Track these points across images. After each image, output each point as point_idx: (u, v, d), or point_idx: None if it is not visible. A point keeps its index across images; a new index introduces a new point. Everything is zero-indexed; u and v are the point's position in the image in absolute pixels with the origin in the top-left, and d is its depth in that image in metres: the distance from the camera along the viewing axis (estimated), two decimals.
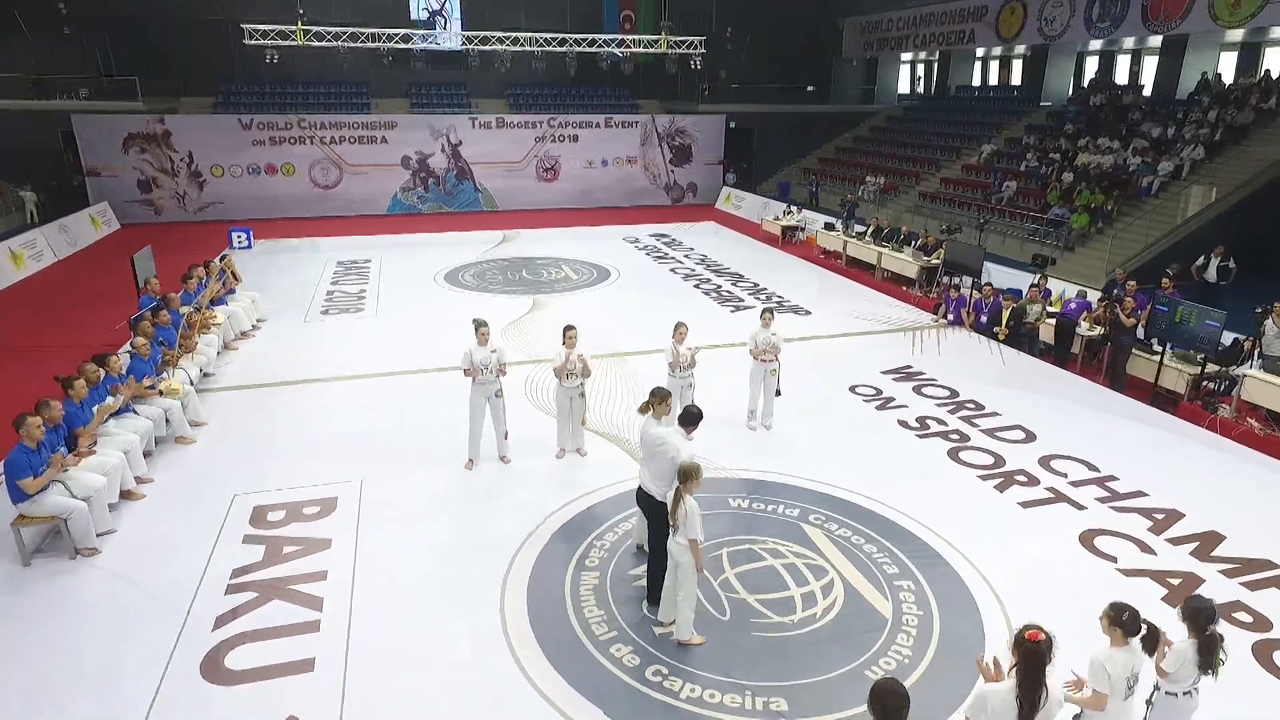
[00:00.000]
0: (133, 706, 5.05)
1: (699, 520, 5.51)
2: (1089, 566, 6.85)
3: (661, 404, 6.23)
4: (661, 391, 6.29)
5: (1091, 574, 6.71)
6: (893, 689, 3.39)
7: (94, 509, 6.74)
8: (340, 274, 16.75)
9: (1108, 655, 4.04)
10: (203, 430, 9.00)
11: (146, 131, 23.42)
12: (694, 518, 5.48)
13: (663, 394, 6.26)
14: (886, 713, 3.35)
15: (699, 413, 6.26)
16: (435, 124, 26.10)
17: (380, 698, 5.19)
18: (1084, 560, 6.94)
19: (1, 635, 5.70)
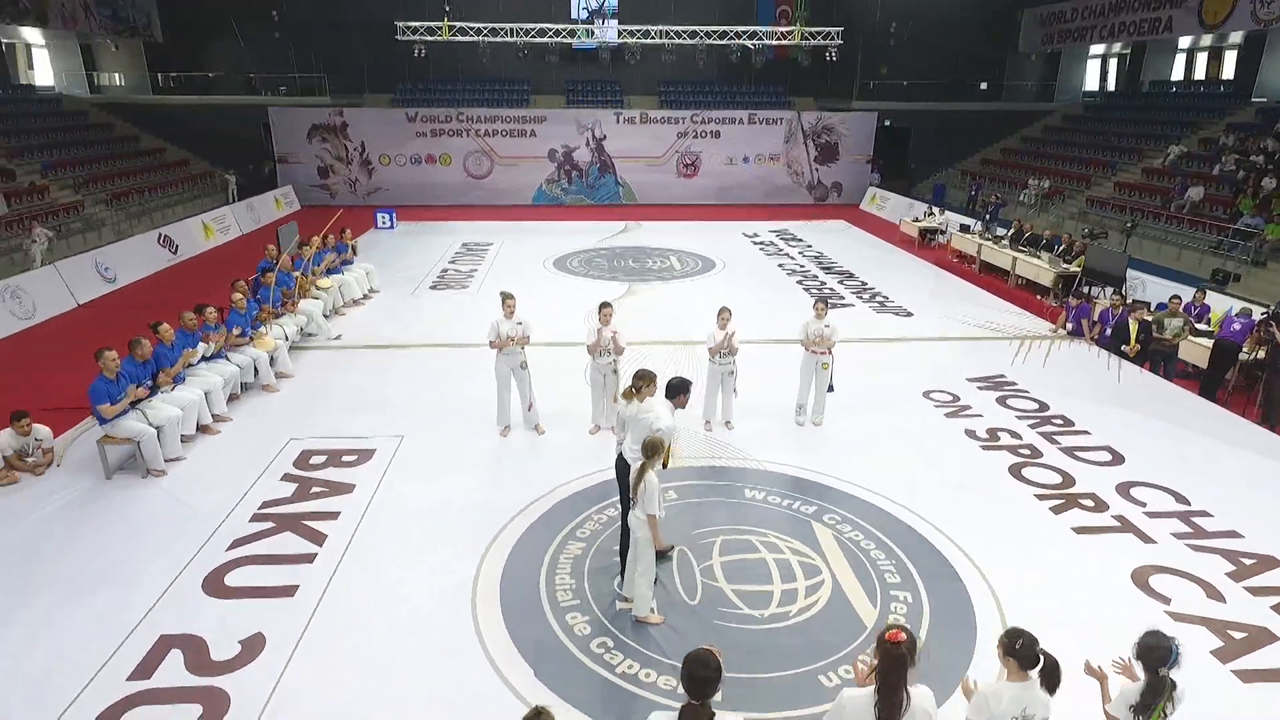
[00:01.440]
0: (138, 606, 5.74)
1: (658, 495, 5.44)
2: (1132, 605, 6.02)
3: (649, 386, 6.13)
4: (648, 374, 6.20)
5: (1131, 613, 5.89)
6: (702, 659, 3.22)
7: (166, 437, 7.69)
8: (460, 255, 17.82)
9: (994, 689, 3.59)
10: (288, 382, 9.96)
11: (328, 123, 26.02)
12: (653, 493, 5.41)
13: (649, 376, 6.16)
14: (692, 681, 3.19)
15: (681, 382, 6.14)
16: (582, 119, 26.99)
17: (339, 630, 5.56)
18: (1128, 597, 6.12)
19: (66, 532, 6.67)
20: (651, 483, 5.40)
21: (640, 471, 5.44)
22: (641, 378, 6.23)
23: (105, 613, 5.66)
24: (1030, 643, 3.53)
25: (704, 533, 6.84)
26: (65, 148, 22.27)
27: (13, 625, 5.52)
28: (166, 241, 18.28)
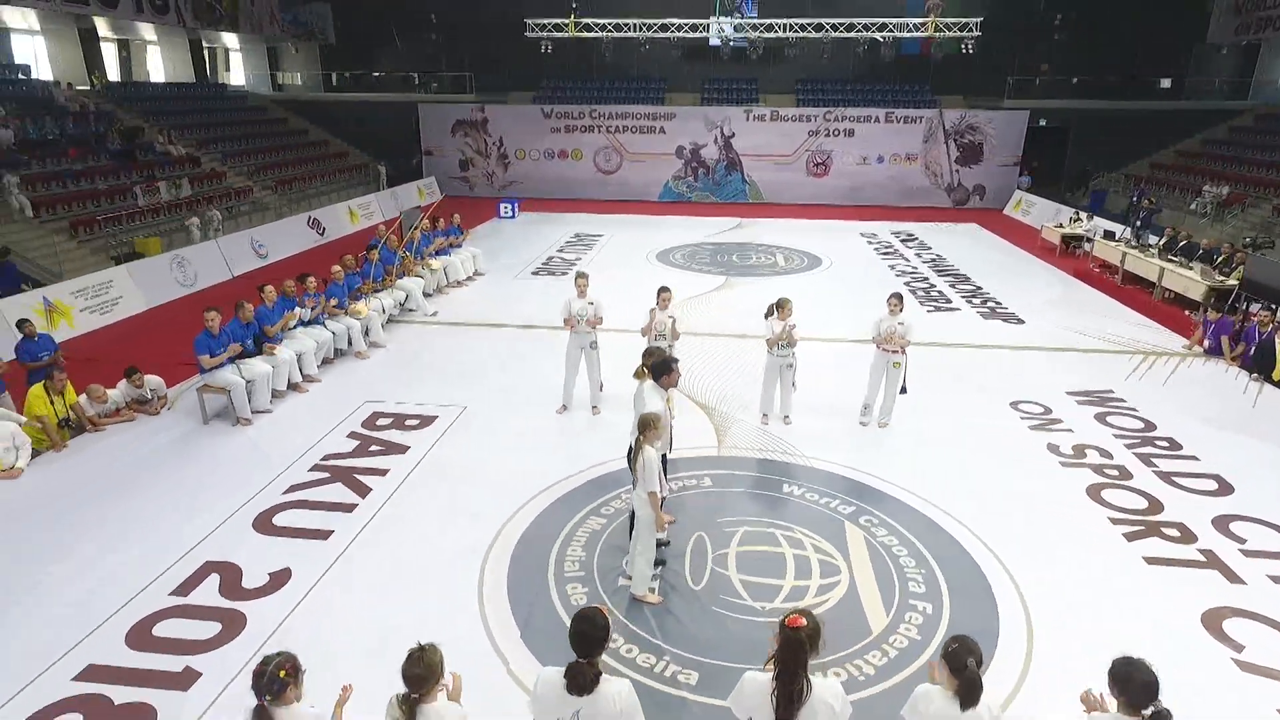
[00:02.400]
0: (195, 533, 6.40)
1: (657, 473, 5.40)
2: (1193, 648, 5.34)
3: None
4: (655, 351, 6.15)
5: (1189, 658, 5.23)
6: (590, 617, 3.21)
7: (256, 391, 8.48)
8: (570, 244, 18.32)
9: (925, 690, 3.34)
10: (379, 351, 10.68)
11: (470, 119, 27.52)
12: (652, 469, 5.38)
13: (652, 354, 6.09)
14: (580, 639, 3.19)
15: (663, 363, 6.05)
16: (711, 116, 26.96)
17: (356, 575, 5.94)
18: (1192, 639, 5.43)
19: (157, 465, 7.53)
20: (650, 459, 5.37)
21: (636, 448, 5.42)
22: (649, 355, 6.23)
23: (168, 535, 6.35)
24: (961, 651, 3.24)
25: (729, 521, 6.71)
26: (243, 139, 24.86)
27: (90, 541, 6.30)
28: (315, 223, 20.03)
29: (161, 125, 22.43)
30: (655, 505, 5.46)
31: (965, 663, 3.22)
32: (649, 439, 5.40)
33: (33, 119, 18.99)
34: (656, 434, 5.42)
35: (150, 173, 19.95)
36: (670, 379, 6.02)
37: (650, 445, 5.41)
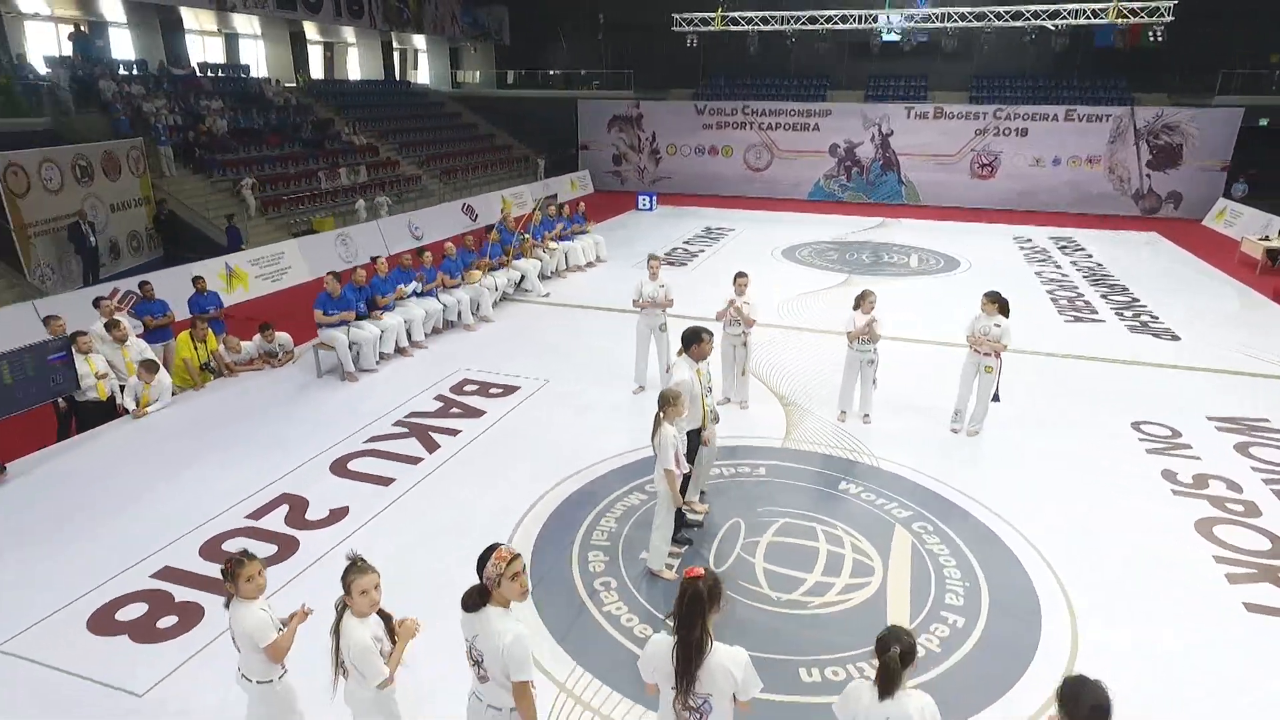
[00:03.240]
0: (282, 468, 7.14)
1: (673, 450, 5.39)
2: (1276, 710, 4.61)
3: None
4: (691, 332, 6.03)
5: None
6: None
7: (363, 351, 9.28)
8: (698, 238, 18.35)
9: (856, 686, 3.16)
10: (487, 326, 11.31)
11: (626, 114, 28.24)
12: (667, 447, 5.38)
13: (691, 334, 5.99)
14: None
15: (693, 333, 5.98)
16: (868, 113, 25.99)
17: (403, 521, 6.39)
18: (1274, 702, 4.68)
19: (272, 409, 8.45)
20: (667, 435, 5.35)
21: (655, 424, 5.41)
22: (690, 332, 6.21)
23: (260, 468, 7.14)
24: (888, 638, 3.04)
25: (770, 511, 6.55)
26: (418, 131, 26.98)
27: (197, 465, 7.21)
28: (469, 209, 21.40)
29: (349, 118, 24.81)
30: (672, 482, 5.44)
31: (888, 648, 3.03)
32: (668, 416, 5.39)
33: (244, 111, 21.66)
34: (677, 411, 5.39)
35: (334, 160, 22.15)
36: (700, 350, 5.96)
37: (669, 422, 5.39)
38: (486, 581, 3.26)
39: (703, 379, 5.99)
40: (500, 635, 3.21)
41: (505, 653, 3.19)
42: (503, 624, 3.24)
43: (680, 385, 5.63)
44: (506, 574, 3.25)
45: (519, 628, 3.25)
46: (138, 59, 22.08)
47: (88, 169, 15.33)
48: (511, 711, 3.32)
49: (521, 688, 3.25)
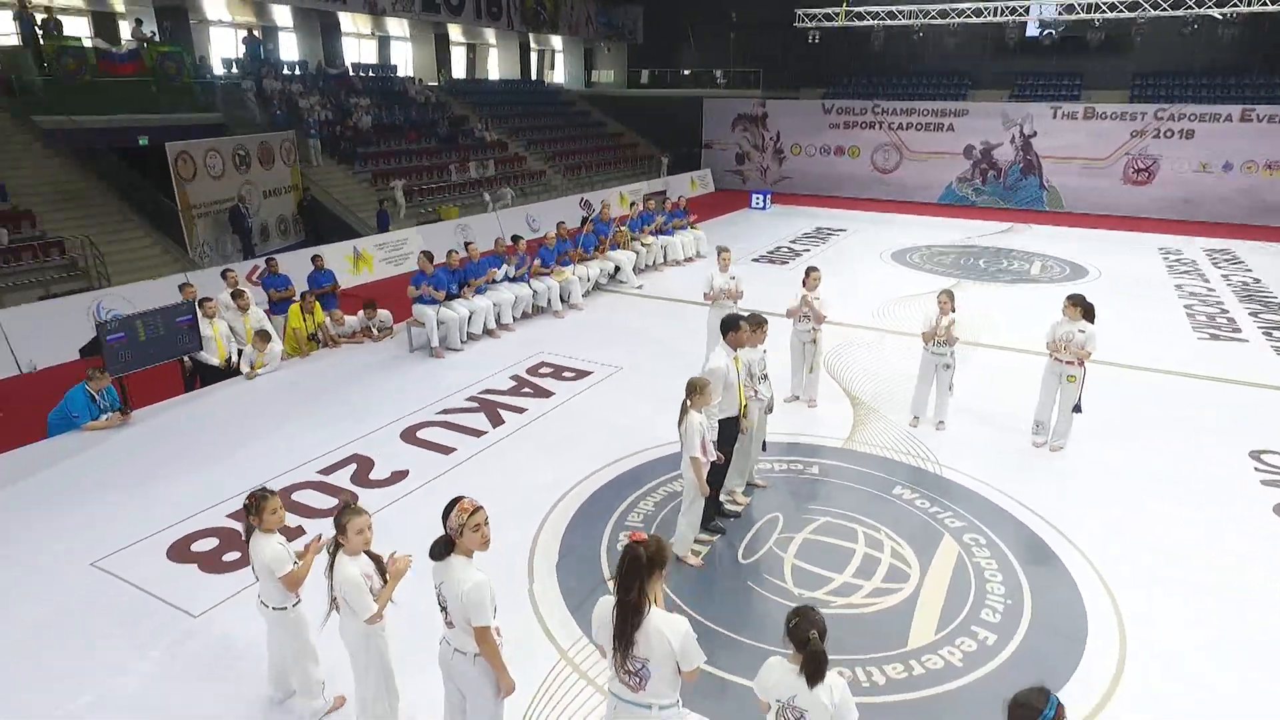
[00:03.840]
0: (357, 431, 7.70)
1: (699, 438, 5.36)
2: None
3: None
4: (732, 320, 5.96)
5: None
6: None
7: (450, 330, 9.81)
8: (806, 237, 17.97)
9: (769, 664, 3.13)
10: (575, 313, 11.64)
11: (750, 114, 28.04)
12: (693, 434, 5.36)
13: (733, 321, 5.88)
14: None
15: (731, 319, 5.89)
16: (1010, 113, 24.49)
17: (454, 486, 6.71)
18: None
19: (364, 377, 9.10)
20: (693, 423, 5.33)
21: (682, 411, 5.41)
22: (758, 322, 6.17)
23: (341, 430, 7.74)
24: (803, 624, 2.99)
25: (814, 509, 6.42)
26: (547, 128, 27.95)
27: (289, 424, 7.89)
28: (585, 203, 21.97)
29: (483, 115, 26.06)
30: (698, 470, 5.42)
31: (808, 636, 2.98)
32: (695, 404, 5.36)
33: (387, 108, 23.25)
34: (704, 399, 5.36)
35: (466, 154, 23.36)
36: (737, 337, 5.87)
37: (697, 410, 5.37)
38: (450, 532, 3.44)
39: (741, 367, 5.93)
40: (461, 583, 3.38)
41: (465, 599, 3.36)
42: (464, 573, 3.41)
43: (712, 373, 5.61)
44: (469, 525, 3.41)
45: (479, 576, 3.41)
46: (300, 60, 24.18)
47: (246, 158, 16.97)
48: (476, 656, 3.48)
49: (482, 632, 3.41)
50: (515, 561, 5.65)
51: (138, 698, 4.42)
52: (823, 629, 3.05)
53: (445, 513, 3.47)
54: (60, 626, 4.98)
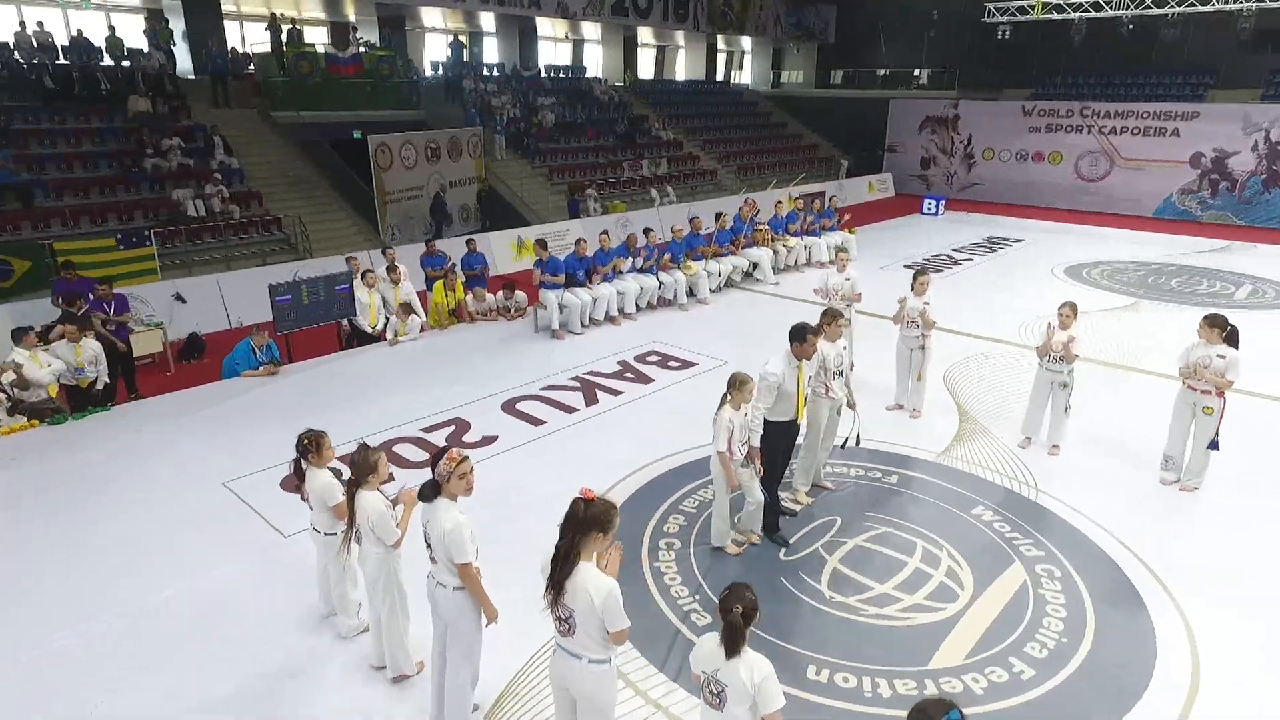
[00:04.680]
0: (465, 398, 8.38)
1: (726, 434, 5.27)
2: None
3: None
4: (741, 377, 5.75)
5: None
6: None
7: (571, 315, 10.37)
8: (973, 246, 16.76)
9: (704, 638, 3.25)
10: (701, 308, 11.81)
11: (940, 115, 26.56)
12: (721, 429, 5.28)
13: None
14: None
15: (800, 329, 5.68)
16: (1254, 115, 21.35)
17: (533, 456, 7.18)
18: None
19: (490, 351, 9.85)
20: (722, 418, 5.26)
21: (719, 405, 5.38)
22: (825, 318, 6.07)
23: (453, 394, 8.48)
24: (730, 597, 3.03)
25: (877, 518, 6.18)
26: (725, 129, 28.16)
27: (412, 387, 8.75)
28: (749, 203, 21.93)
29: (662, 115, 26.76)
30: (724, 464, 5.36)
31: (730, 608, 3.02)
32: (733, 400, 5.27)
33: (569, 107, 24.56)
34: (741, 396, 5.25)
35: (640, 152, 24.14)
36: (803, 349, 5.63)
37: (733, 407, 5.27)
38: (439, 478, 3.80)
39: (805, 374, 5.77)
40: (443, 523, 3.74)
41: (446, 537, 3.72)
42: (447, 514, 3.77)
43: (764, 376, 5.55)
44: (456, 472, 3.77)
45: (460, 518, 3.75)
46: (498, 62, 26.15)
47: (436, 151, 18.70)
48: (455, 589, 3.83)
49: (463, 569, 3.76)
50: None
51: (212, 593, 5.22)
52: (750, 606, 3.07)
53: (434, 460, 3.84)
54: (180, 529, 5.97)
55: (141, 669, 4.57)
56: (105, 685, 4.44)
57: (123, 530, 5.97)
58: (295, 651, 4.72)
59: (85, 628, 4.90)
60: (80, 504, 6.34)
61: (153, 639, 4.81)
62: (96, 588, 5.30)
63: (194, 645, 4.76)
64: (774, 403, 5.69)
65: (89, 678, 4.50)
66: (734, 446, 5.32)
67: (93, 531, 5.96)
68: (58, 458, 7.07)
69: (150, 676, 4.51)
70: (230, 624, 4.94)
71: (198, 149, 16.49)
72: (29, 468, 6.91)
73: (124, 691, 4.39)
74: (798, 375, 5.72)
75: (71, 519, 6.13)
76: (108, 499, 6.41)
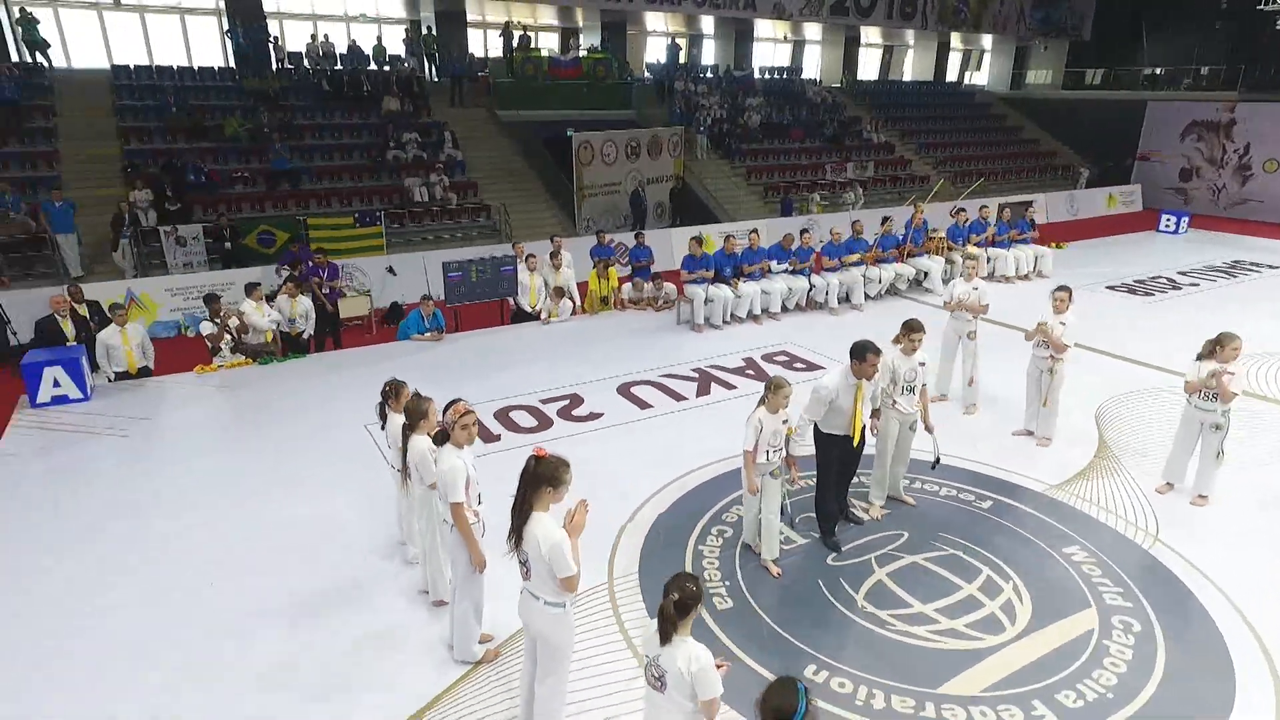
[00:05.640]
0: (583, 378, 8.97)
1: (755, 435, 5.22)
2: None
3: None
4: (913, 324, 5.65)
5: None
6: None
7: (714, 310, 10.65)
8: (1205, 270, 14.44)
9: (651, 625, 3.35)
10: (853, 313, 11.50)
11: (1211, 120, 23.08)
12: (750, 430, 5.24)
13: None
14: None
15: (860, 347, 5.48)
16: None
17: (629, 437, 7.59)
18: None
19: (614, 339, 10.40)
20: (752, 419, 5.23)
21: (756, 405, 5.33)
22: (903, 330, 5.89)
23: (578, 372, 9.15)
24: (672, 584, 3.16)
25: (948, 540, 5.87)
26: (945, 132, 26.58)
27: (547, 361, 9.53)
28: (957, 211, 20.64)
29: (877, 117, 25.87)
30: (745, 464, 5.33)
31: (667, 593, 3.16)
32: (769, 403, 5.19)
33: (777, 108, 24.55)
34: (776, 402, 5.16)
35: (847, 155, 23.57)
36: (861, 368, 5.41)
37: (769, 410, 5.20)
38: (445, 425, 4.35)
39: (864, 393, 5.59)
40: (441, 464, 4.29)
41: (443, 477, 4.26)
42: (447, 456, 4.31)
43: (816, 390, 5.48)
44: (459, 423, 4.30)
45: (456, 461, 4.29)
46: (713, 64, 26.74)
47: (636, 149, 19.66)
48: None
49: (454, 509, 4.26)
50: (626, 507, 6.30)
51: (324, 518, 6.18)
52: (688, 596, 3.13)
53: (444, 410, 4.39)
54: (319, 460, 7.10)
55: (249, 571, 5.53)
56: (224, 574, 5.49)
57: (274, 459, 7.17)
58: (365, 570, 5.52)
59: (220, 530, 6.01)
60: (251, 432, 7.75)
61: (265, 549, 5.75)
62: (235, 500, 6.45)
63: (289, 558, 5.63)
64: (825, 415, 5.62)
65: (213, 566, 5.56)
66: (759, 449, 5.25)
67: (254, 458, 7.22)
68: (254, 391, 8.67)
69: (255, 579, 5.40)
70: (326, 543, 5.82)
71: (431, 143, 18.76)
72: (235, 396, 8.57)
73: (226, 588, 5.34)
74: (855, 393, 5.53)
75: (241, 443, 7.53)
76: (274, 430, 7.74)
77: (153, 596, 5.25)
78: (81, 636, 4.87)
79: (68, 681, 4.50)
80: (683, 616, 3.15)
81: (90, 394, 8.18)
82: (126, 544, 5.83)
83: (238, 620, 4.99)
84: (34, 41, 17.06)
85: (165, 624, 4.97)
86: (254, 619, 5.01)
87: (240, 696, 4.38)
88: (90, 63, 19.13)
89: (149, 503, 6.39)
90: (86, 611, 5.11)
